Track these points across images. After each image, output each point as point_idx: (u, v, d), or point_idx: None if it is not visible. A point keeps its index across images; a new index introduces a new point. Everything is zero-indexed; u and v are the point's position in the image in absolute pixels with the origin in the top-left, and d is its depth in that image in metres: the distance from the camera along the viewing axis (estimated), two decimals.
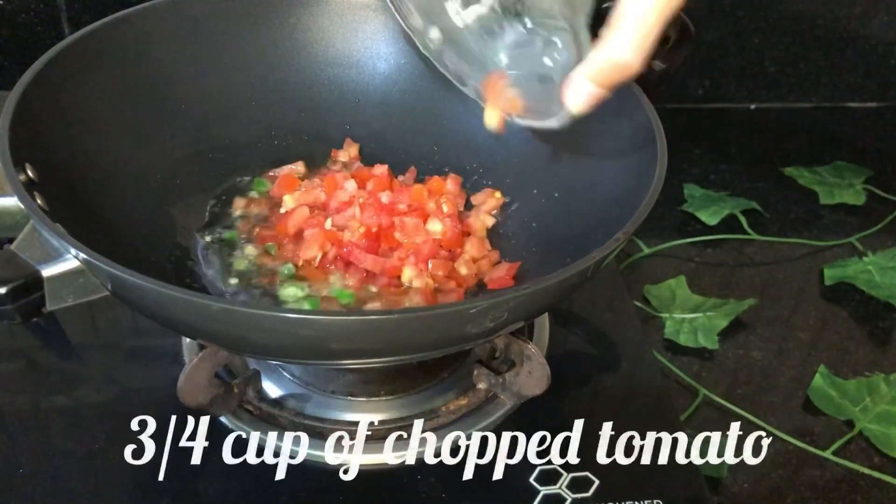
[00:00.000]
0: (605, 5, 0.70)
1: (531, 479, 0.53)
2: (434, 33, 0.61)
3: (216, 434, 0.55)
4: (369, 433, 0.55)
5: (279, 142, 0.70)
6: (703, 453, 0.61)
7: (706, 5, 0.94)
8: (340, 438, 0.55)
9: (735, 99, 1.02)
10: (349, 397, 0.58)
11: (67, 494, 0.52)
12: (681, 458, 0.55)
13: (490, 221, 0.66)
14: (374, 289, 0.60)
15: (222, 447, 0.54)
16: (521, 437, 0.56)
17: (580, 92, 0.50)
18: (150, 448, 0.54)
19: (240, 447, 0.55)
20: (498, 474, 0.54)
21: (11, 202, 0.65)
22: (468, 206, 0.68)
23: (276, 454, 0.54)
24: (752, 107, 1.02)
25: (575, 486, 0.53)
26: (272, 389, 0.58)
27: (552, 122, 0.54)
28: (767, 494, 0.59)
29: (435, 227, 0.63)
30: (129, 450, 0.54)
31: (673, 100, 1.01)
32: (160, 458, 0.54)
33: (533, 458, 0.54)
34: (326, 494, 0.52)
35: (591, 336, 0.66)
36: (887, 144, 0.98)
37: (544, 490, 0.53)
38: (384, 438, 0.55)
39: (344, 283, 0.60)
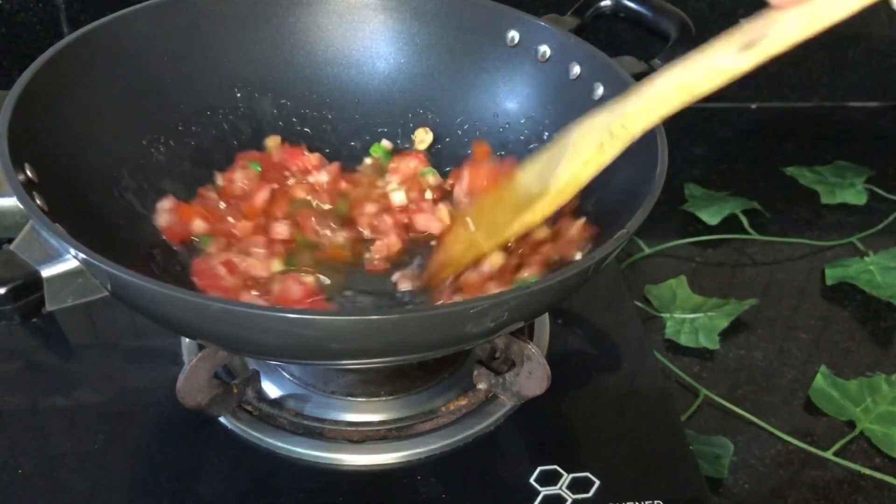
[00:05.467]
0: (602, 4, 0.71)
1: (531, 480, 0.53)
2: None
3: (215, 434, 0.55)
4: (369, 433, 0.55)
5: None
6: (704, 455, 0.61)
7: (707, 4, 0.94)
8: (340, 439, 0.55)
9: (736, 98, 1.02)
10: (349, 398, 0.58)
11: (67, 494, 0.52)
12: (681, 459, 0.55)
13: None
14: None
15: (221, 448, 0.54)
16: (521, 437, 0.56)
17: None
18: (149, 449, 0.54)
19: (239, 448, 0.55)
20: (498, 475, 0.54)
21: (11, 202, 0.65)
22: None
23: (275, 455, 0.54)
24: (754, 106, 1.02)
25: (575, 486, 0.53)
26: (272, 390, 0.58)
27: None
28: (768, 495, 0.59)
29: None
30: (128, 450, 0.54)
31: None
32: (160, 459, 0.54)
33: (533, 459, 0.54)
34: (326, 495, 0.52)
35: (591, 336, 0.66)
36: (889, 144, 0.98)
37: (544, 490, 0.53)
38: (384, 439, 0.55)
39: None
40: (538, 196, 0.54)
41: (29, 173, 0.49)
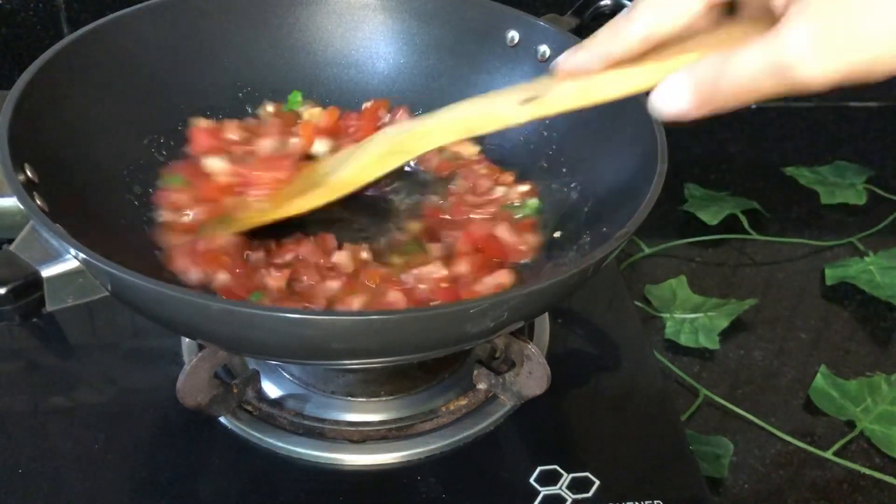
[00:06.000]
0: (601, 3, 0.71)
1: (531, 480, 0.53)
2: None
3: (215, 434, 0.55)
4: (369, 433, 0.55)
5: None
6: (704, 455, 0.61)
7: None
8: (340, 439, 0.55)
9: None
10: (349, 397, 0.58)
11: (67, 494, 0.52)
12: (681, 459, 0.55)
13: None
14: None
15: (221, 448, 0.54)
16: (521, 437, 0.56)
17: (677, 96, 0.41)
18: (149, 449, 0.54)
19: (239, 448, 0.55)
20: (498, 475, 0.54)
21: (11, 202, 0.65)
22: None
23: (276, 455, 0.54)
24: (753, 106, 1.02)
25: (575, 486, 0.53)
26: (272, 390, 0.58)
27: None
28: (768, 495, 0.59)
29: None
30: (128, 450, 0.54)
31: None
32: (160, 459, 0.54)
33: (533, 459, 0.54)
34: (326, 495, 0.52)
35: (591, 336, 0.66)
36: (888, 144, 0.98)
37: (544, 490, 0.53)
38: (384, 439, 0.55)
39: None
40: (319, 184, 0.57)
41: (29, 173, 0.49)
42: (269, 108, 0.68)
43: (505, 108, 0.49)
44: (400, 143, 0.55)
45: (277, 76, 0.68)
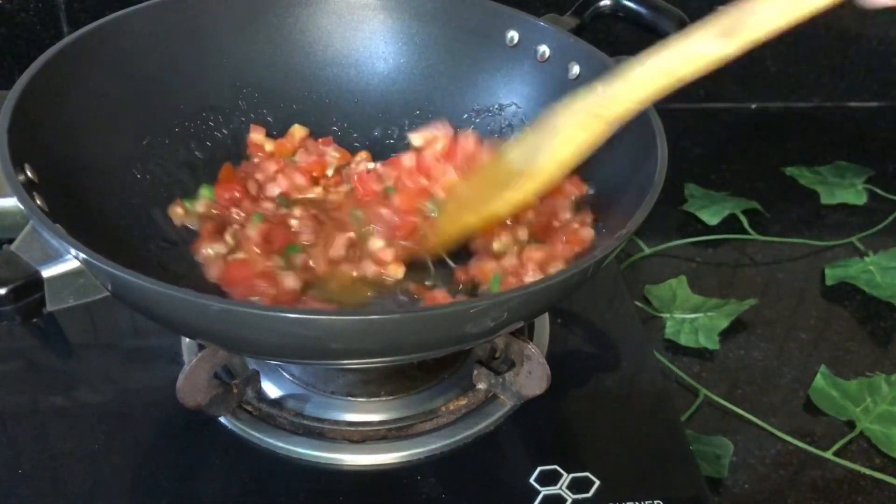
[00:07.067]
0: (601, 3, 0.71)
1: (531, 480, 0.53)
2: None
3: (215, 434, 0.55)
4: (369, 433, 0.55)
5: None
6: (704, 455, 0.61)
7: (706, 4, 0.94)
8: (340, 439, 0.55)
9: (736, 98, 1.02)
10: (349, 398, 0.58)
11: (67, 494, 0.52)
12: (681, 459, 0.55)
13: None
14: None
15: (221, 448, 0.54)
16: (521, 437, 0.56)
17: None
18: (149, 448, 0.54)
19: (239, 448, 0.55)
20: (498, 475, 0.54)
21: (11, 202, 0.65)
22: None
23: (275, 455, 0.54)
24: (753, 106, 1.02)
25: (575, 486, 0.53)
26: (271, 390, 0.58)
27: None
28: (768, 495, 0.59)
29: None
30: (128, 450, 0.54)
31: (673, 99, 1.00)
32: (160, 459, 0.54)
33: (533, 459, 0.54)
34: (326, 495, 0.52)
35: (591, 336, 0.66)
36: (889, 144, 0.98)
37: (544, 490, 0.53)
38: (384, 439, 0.55)
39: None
40: (523, 175, 0.56)
41: (29, 173, 0.49)
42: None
43: (705, 44, 0.45)
44: (597, 111, 0.51)
45: (277, 76, 0.68)
